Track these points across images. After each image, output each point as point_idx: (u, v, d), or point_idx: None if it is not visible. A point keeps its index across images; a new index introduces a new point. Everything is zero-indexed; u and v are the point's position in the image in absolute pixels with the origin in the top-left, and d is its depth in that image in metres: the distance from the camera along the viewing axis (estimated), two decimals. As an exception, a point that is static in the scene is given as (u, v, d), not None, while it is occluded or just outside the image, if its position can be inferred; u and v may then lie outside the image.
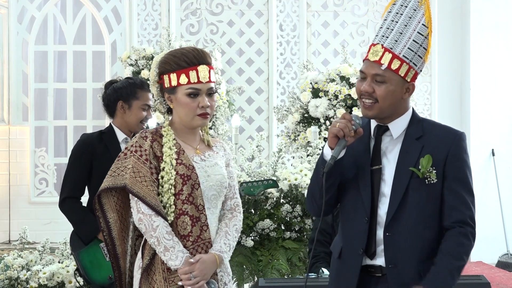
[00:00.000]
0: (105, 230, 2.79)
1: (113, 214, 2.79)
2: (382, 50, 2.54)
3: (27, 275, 5.20)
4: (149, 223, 2.70)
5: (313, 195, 2.66)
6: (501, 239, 7.85)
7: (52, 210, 7.65)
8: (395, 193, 2.54)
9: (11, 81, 7.95)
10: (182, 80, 2.78)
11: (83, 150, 3.89)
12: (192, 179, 2.78)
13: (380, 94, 2.53)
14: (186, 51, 2.81)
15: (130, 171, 2.73)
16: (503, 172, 7.98)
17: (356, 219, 2.60)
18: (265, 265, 4.64)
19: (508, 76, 8.06)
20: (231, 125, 6.42)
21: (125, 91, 3.91)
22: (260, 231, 4.70)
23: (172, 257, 2.70)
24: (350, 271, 2.60)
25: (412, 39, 2.55)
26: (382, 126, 2.61)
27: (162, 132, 2.81)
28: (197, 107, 2.79)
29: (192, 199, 2.77)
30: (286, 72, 8.08)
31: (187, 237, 2.75)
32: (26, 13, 8.01)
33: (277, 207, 4.77)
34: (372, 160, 2.60)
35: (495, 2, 8.05)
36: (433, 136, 2.59)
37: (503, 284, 6.56)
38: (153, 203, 2.71)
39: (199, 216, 2.78)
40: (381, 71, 2.53)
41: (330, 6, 8.10)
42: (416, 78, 2.60)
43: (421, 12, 2.57)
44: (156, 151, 2.77)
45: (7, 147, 7.98)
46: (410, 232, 2.53)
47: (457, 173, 2.58)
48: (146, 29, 7.92)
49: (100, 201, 2.81)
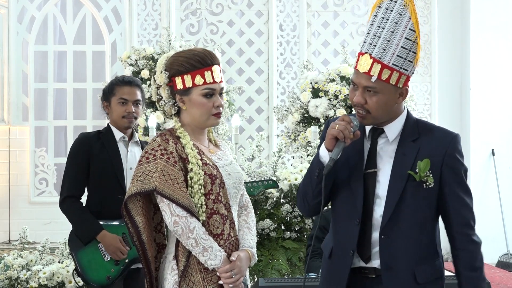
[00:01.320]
0: (134, 236, 2.76)
1: (141, 219, 2.76)
2: (371, 60, 2.49)
3: (27, 275, 5.20)
4: (185, 225, 2.69)
5: (305, 195, 2.65)
6: (501, 239, 7.85)
7: (52, 210, 7.67)
8: (391, 196, 2.52)
9: (11, 81, 7.96)
10: (197, 81, 2.77)
11: (80, 149, 3.91)
12: (219, 178, 2.80)
13: (372, 106, 2.51)
14: (198, 52, 2.81)
15: (160, 174, 2.70)
16: (503, 172, 7.98)
17: (348, 221, 2.58)
18: (265, 265, 4.65)
19: (508, 76, 8.06)
20: (231, 125, 6.42)
21: (106, 91, 4.00)
22: (260, 231, 4.71)
23: (211, 256, 2.70)
24: (340, 272, 2.60)
25: (400, 46, 2.49)
26: (378, 129, 2.60)
27: (178, 134, 2.80)
28: (212, 107, 2.80)
29: (221, 198, 2.79)
30: (286, 72, 8.08)
31: (220, 235, 2.77)
32: (26, 13, 8.01)
33: (277, 207, 4.77)
34: (367, 163, 2.58)
35: (495, 2, 8.06)
36: (429, 138, 2.57)
37: (503, 284, 6.56)
38: (187, 205, 2.70)
39: (227, 214, 2.80)
40: (371, 83, 2.49)
41: (330, 6, 8.10)
42: (409, 80, 2.56)
43: (407, 16, 2.51)
44: (181, 153, 2.76)
45: (7, 147, 7.98)
46: (406, 235, 2.53)
47: (455, 176, 2.56)
48: (146, 29, 7.92)
49: (126, 207, 2.77)
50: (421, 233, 2.55)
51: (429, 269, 2.57)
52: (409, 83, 2.59)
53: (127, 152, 3.95)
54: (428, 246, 2.57)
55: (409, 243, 2.53)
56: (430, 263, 2.57)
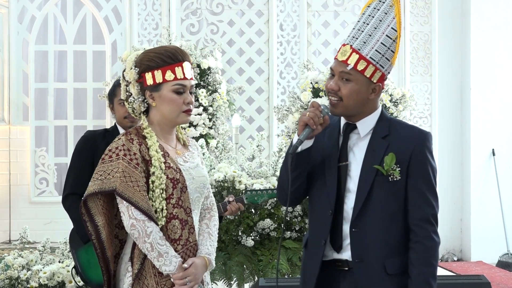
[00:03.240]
0: (93, 234, 2.74)
1: (101, 218, 2.74)
2: (350, 50, 2.62)
3: (28, 274, 5.20)
4: (142, 229, 2.67)
5: (282, 185, 2.74)
6: (502, 239, 7.86)
7: (52, 209, 7.68)
8: (361, 190, 2.63)
9: (11, 81, 7.96)
10: (167, 76, 2.73)
11: (84, 146, 3.93)
12: (181, 182, 2.76)
13: (345, 93, 2.62)
14: (169, 48, 2.78)
15: (121, 175, 2.67)
16: (504, 172, 7.98)
17: (321, 212, 2.69)
18: (265, 265, 4.64)
19: (508, 76, 8.06)
20: (232, 124, 6.43)
21: (109, 93, 4.05)
22: (261, 231, 4.70)
23: (166, 262, 2.68)
24: (313, 261, 2.70)
25: (380, 42, 2.63)
26: (351, 124, 2.70)
27: (144, 134, 2.76)
28: (182, 104, 2.76)
29: (181, 202, 2.76)
30: (286, 71, 8.08)
31: (177, 241, 2.74)
32: (26, 12, 8.02)
33: (277, 207, 4.77)
34: (340, 157, 2.68)
35: (495, 3, 8.06)
36: (399, 135, 2.66)
37: (503, 283, 6.56)
38: (146, 208, 2.67)
39: (187, 219, 2.77)
40: (347, 70, 2.61)
41: (330, 6, 8.10)
42: (384, 79, 2.67)
43: (391, 16, 2.65)
44: (145, 155, 2.72)
45: (7, 147, 7.99)
46: (376, 227, 2.62)
47: (420, 171, 2.64)
48: (146, 29, 7.92)
49: (86, 206, 2.75)
50: (391, 226, 2.63)
51: (399, 261, 2.64)
52: (409, 83, 2.65)
53: (131, 151, 3.98)
54: (399, 238, 2.65)
55: (379, 235, 2.62)
56: (400, 255, 2.64)
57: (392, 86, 6.62)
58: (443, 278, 4.46)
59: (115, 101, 3.99)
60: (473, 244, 8.02)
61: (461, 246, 8.25)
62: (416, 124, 7.95)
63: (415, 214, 2.63)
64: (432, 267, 2.63)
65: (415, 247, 2.63)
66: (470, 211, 7.98)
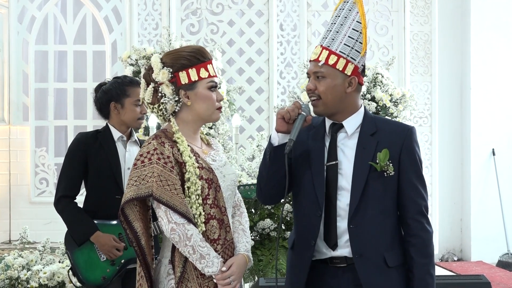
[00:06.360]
0: (133, 241, 2.71)
1: (139, 224, 2.71)
2: (321, 49, 2.73)
3: (28, 274, 5.20)
4: (183, 233, 2.65)
5: (259, 182, 2.81)
6: (502, 239, 7.85)
7: (52, 209, 7.59)
8: (356, 186, 2.68)
9: (11, 81, 7.96)
10: (202, 74, 2.75)
11: (77, 148, 3.89)
12: (214, 181, 2.76)
13: (322, 90, 2.70)
14: (197, 47, 2.81)
15: (156, 179, 2.64)
16: (504, 171, 7.98)
17: (309, 214, 2.73)
18: (265, 264, 4.65)
19: (508, 76, 8.06)
20: (232, 124, 6.42)
21: (115, 91, 3.91)
22: (261, 230, 4.71)
23: (208, 264, 2.67)
24: (301, 263, 2.74)
25: (347, 36, 2.72)
26: (337, 123, 2.76)
27: (175, 139, 2.74)
28: (216, 100, 2.79)
29: (217, 202, 2.75)
30: (286, 71, 8.08)
31: (217, 241, 2.73)
32: (26, 12, 8.02)
33: (277, 206, 4.77)
34: (328, 156, 2.74)
35: (495, 2, 8.05)
36: (386, 131, 2.75)
37: (503, 283, 6.56)
38: (185, 211, 2.65)
39: (222, 218, 2.76)
40: (319, 68, 2.70)
41: (330, 6, 8.10)
42: (358, 73, 2.73)
43: (355, 10, 2.76)
44: (178, 157, 2.70)
45: (7, 147, 7.99)
46: (373, 222, 2.68)
47: (412, 165, 2.73)
48: (146, 29, 7.92)
49: (124, 213, 2.71)
50: (386, 220, 2.71)
51: (397, 253, 2.72)
52: (409, 82, 2.68)
53: (125, 152, 3.93)
54: (394, 232, 2.73)
55: (376, 230, 2.69)
56: (398, 247, 2.73)
57: (392, 86, 6.62)
58: (443, 278, 4.46)
59: (127, 101, 3.90)
60: (473, 244, 8.02)
61: (461, 246, 8.25)
62: (416, 124, 7.96)
63: (411, 208, 2.72)
64: (430, 258, 2.73)
65: (412, 241, 2.71)
66: (470, 211, 7.98)
